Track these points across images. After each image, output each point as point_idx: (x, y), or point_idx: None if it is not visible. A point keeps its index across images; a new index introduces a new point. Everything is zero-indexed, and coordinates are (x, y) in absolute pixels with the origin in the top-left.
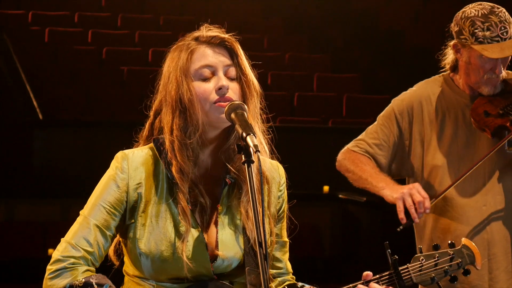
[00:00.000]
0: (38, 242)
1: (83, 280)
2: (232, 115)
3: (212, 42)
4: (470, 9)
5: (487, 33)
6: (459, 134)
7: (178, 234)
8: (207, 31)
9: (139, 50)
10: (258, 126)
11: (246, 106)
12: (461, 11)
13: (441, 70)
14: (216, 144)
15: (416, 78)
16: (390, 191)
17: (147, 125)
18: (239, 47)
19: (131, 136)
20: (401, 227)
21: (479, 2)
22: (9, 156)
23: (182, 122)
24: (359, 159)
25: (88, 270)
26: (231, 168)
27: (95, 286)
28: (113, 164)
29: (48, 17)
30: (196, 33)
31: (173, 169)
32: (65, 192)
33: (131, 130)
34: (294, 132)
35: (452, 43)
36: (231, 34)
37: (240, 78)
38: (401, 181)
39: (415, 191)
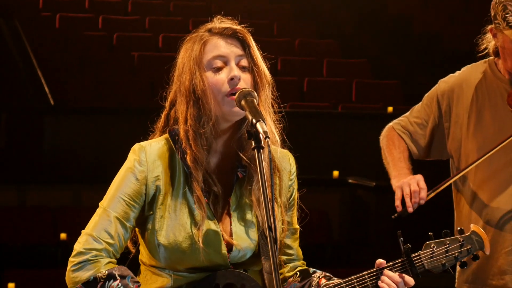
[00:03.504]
0: (49, 227)
1: (106, 272)
2: (242, 102)
3: (224, 33)
4: None
5: None
6: (497, 120)
7: (194, 222)
8: (220, 22)
9: (150, 36)
10: (269, 116)
11: (256, 93)
12: None
13: (481, 54)
14: (229, 134)
15: (424, 63)
16: (396, 180)
17: (163, 116)
18: (251, 38)
19: (141, 122)
20: (395, 214)
21: None
22: (20, 142)
23: (196, 112)
24: (393, 141)
25: (110, 262)
26: (243, 156)
27: (118, 277)
28: (131, 156)
29: (58, 3)
30: (209, 25)
31: (188, 158)
32: (76, 178)
33: (141, 116)
34: (304, 117)
35: (489, 27)
36: (243, 25)
37: (252, 68)
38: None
39: (414, 182)
